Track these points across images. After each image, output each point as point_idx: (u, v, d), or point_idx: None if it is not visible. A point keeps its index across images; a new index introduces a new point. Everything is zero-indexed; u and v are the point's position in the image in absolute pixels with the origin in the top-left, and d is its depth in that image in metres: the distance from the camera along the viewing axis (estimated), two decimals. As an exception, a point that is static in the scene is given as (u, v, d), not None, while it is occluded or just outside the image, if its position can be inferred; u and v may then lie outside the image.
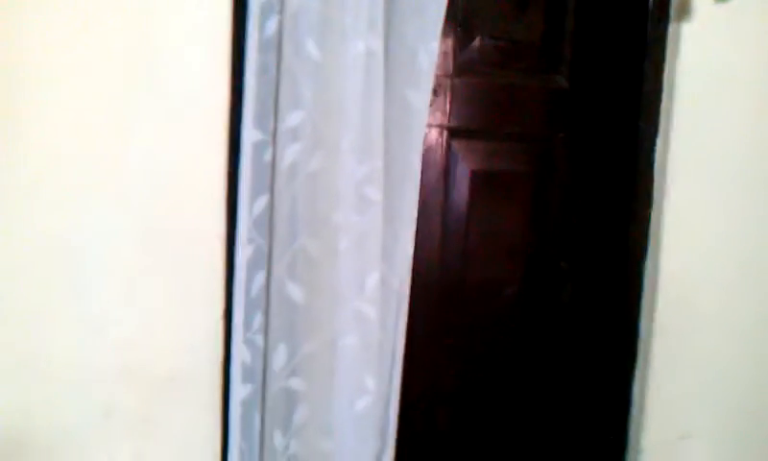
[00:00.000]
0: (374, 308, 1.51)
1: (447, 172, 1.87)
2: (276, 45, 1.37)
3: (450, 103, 1.83)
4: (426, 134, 1.79)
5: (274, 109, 1.39)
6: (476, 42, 1.86)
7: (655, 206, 1.86)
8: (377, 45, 1.42)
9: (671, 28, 1.80)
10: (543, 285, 2.00)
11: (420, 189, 1.56)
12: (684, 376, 1.93)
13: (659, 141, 1.84)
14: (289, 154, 1.40)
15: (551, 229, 1.99)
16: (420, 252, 1.60)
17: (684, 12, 1.78)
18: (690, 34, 1.80)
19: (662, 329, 1.89)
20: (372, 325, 1.51)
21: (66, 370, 1.39)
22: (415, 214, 1.55)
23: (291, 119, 1.39)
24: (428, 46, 1.47)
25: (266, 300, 1.44)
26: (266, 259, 1.43)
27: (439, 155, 1.85)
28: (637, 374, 1.91)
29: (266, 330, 1.45)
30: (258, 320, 1.45)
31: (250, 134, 1.39)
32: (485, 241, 1.94)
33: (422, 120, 1.50)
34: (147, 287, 1.42)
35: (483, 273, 1.95)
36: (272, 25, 1.37)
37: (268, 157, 1.41)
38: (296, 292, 1.44)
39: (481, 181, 1.91)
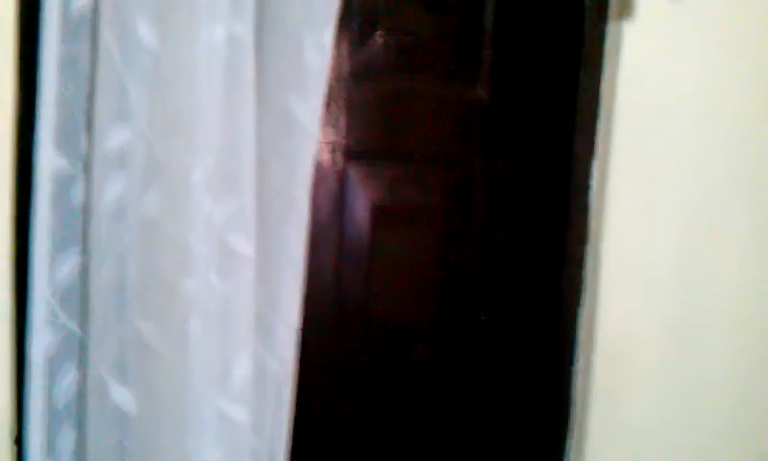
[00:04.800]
0: (244, 407, 1.18)
1: (342, 204, 1.67)
2: (90, 27, 1.03)
3: (345, 116, 1.62)
4: (315, 157, 1.52)
5: (86, 124, 1.05)
6: (376, 40, 1.65)
7: (591, 244, 1.70)
8: (244, 32, 1.10)
9: (610, 28, 1.66)
10: (460, 341, 1.83)
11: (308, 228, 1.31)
12: (625, 444, 1.80)
13: (595, 165, 1.68)
14: (111, 189, 1.05)
15: (468, 272, 1.81)
16: (305, 307, 1.34)
17: (626, 8, 1.65)
18: (633, 35, 1.65)
19: (600, 391, 1.74)
20: (242, 429, 1.19)
21: None
22: (301, 269, 1.26)
23: (113, 138, 1.04)
24: (319, 36, 1.17)
25: (81, 411, 1.09)
26: (78, 350, 1.08)
27: (331, 182, 1.65)
28: (572, 443, 1.76)
29: (82, 458, 1.09)
30: (67, 441, 1.09)
31: (48, 161, 1.03)
32: (389, 290, 1.74)
33: (311, 139, 1.20)
34: None
35: (387, 330, 1.76)
36: (82, -4, 1.03)
37: (78, 194, 1.07)
38: (125, 397, 1.09)
39: (384, 215, 1.71)
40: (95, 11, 1.02)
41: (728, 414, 1.87)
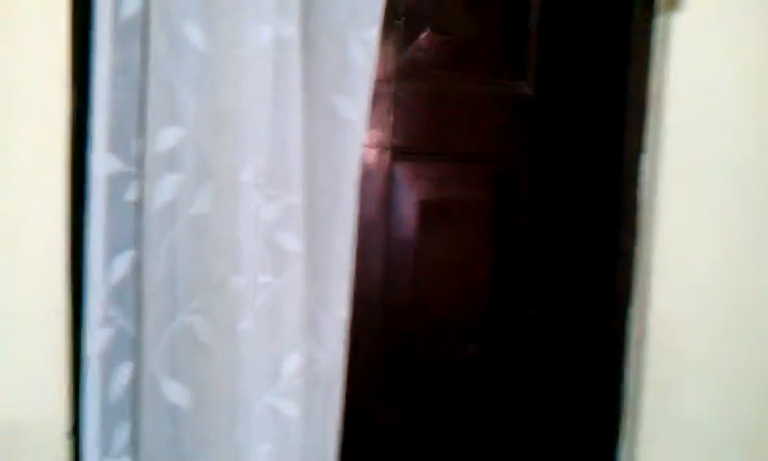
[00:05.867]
0: (294, 402, 1.19)
1: (389, 202, 1.65)
2: (141, 31, 1.04)
3: (392, 115, 1.60)
4: (362, 156, 1.53)
5: (138, 126, 1.05)
6: (423, 38, 1.62)
7: (642, 239, 1.69)
8: (291, 33, 1.11)
9: (659, 22, 1.63)
10: (510, 338, 1.80)
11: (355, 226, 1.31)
12: (679, 438, 1.76)
13: (645, 161, 1.66)
14: (163, 190, 1.06)
15: (517, 269, 1.79)
16: (354, 306, 1.35)
17: (675, 2, 1.61)
18: (682, 28, 1.62)
19: (653, 385, 1.72)
20: (292, 424, 1.20)
21: None
22: (349, 264, 1.26)
23: (165, 139, 1.05)
24: (364, 35, 1.17)
25: (134, 405, 1.10)
26: (132, 347, 1.09)
27: (378, 181, 1.63)
28: (625, 437, 1.75)
29: (136, 451, 1.10)
30: (123, 435, 1.11)
31: (102, 162, 1.04)
32: (437, 288, 1.72)
33: (357, 137, 1.20)
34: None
35: (435, 327, 1.74)
36: (133, 2, 1.03)
37: (131, 195, 1.08)
38: (178, 392, 1.10)
39: (431, 213, 1.69)
40: (145, 16, 1.03)
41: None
